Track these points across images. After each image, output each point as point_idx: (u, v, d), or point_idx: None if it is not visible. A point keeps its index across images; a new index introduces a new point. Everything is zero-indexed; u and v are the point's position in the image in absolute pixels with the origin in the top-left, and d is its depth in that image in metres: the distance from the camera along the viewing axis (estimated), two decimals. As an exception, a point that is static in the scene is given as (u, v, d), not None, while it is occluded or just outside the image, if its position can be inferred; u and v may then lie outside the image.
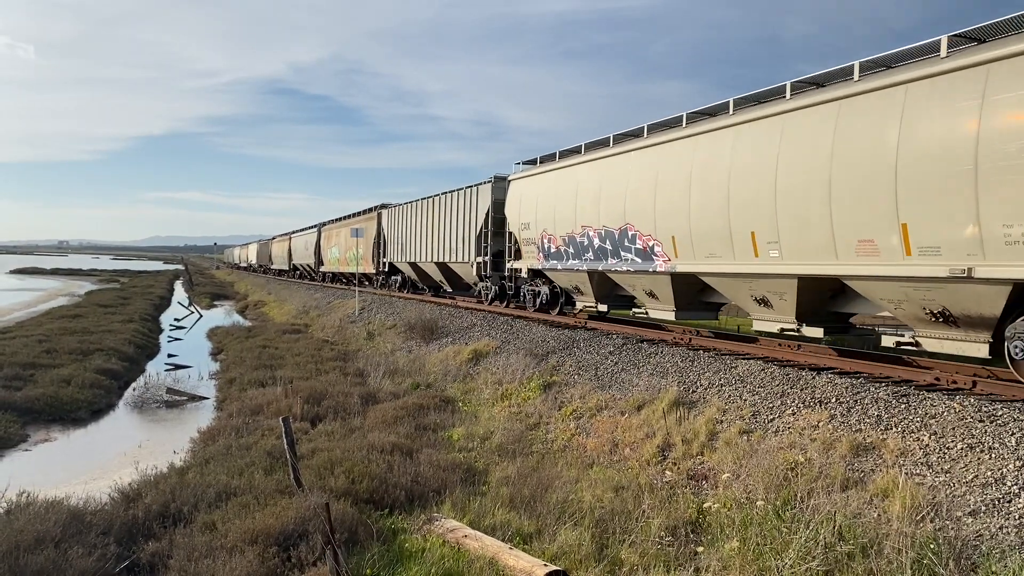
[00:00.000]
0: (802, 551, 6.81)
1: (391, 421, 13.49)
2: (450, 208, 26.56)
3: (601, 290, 17.46)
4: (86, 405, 17.47)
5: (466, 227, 24.76)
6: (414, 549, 8.09)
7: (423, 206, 29.34)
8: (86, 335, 26.66)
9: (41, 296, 54.81)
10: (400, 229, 32.62)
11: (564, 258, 18.13)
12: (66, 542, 7.97)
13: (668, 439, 10.76)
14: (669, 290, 14.76)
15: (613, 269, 16.03)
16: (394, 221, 33.69)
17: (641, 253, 14.97)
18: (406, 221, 31.65)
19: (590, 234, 16.84)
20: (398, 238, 33.04)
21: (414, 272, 31.57)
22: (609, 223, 16.04)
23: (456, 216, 25.85)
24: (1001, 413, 8.37)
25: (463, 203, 25.27)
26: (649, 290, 15.42)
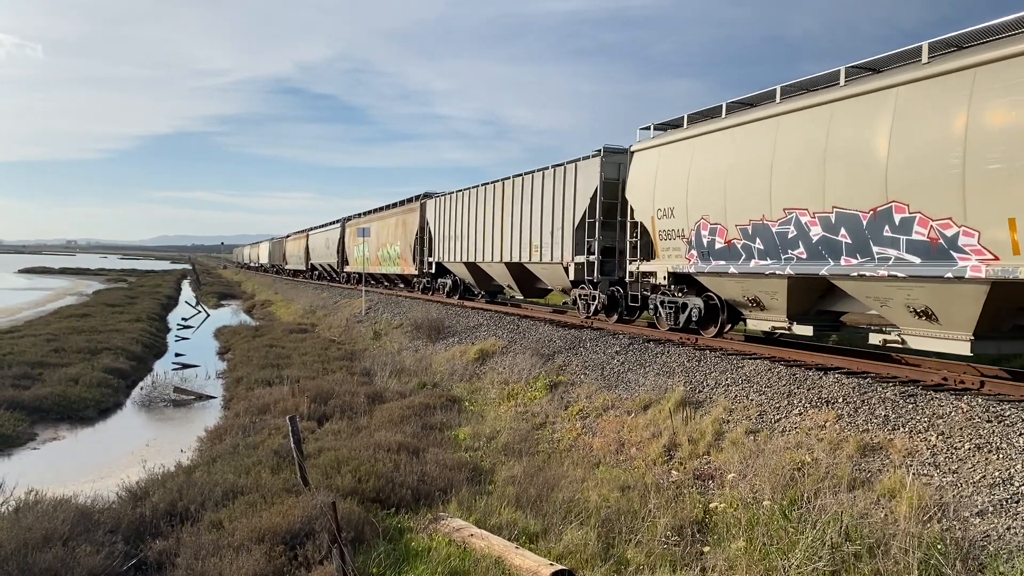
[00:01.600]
0: (808, 551, 6.79)
1: (397, 420, 13.50)
2: (530, 194, 21.15)
3: (802, 304, 12.53)
4: (94, 404, 17.54)
5: (557, 217, 19.50)
6: (420, 548, 8.10)
7: (486, 194, 24.31)
8: (94, 334, 26.76)
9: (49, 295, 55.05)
10: (451, 222, 27.36)
11: (741, 257, 13.03)
12: (74, 540, 8.01)
13: (674, 439, 10.75)
14: (975, 308, 9.40)
15: (853, 273, 10.74)
16: (443, 213, 28.39)
17: (923, 248, 9.71)
18: (460, 212, 26.43)
19: (802, 221, 11.56)
20: (449, 233, 27.65)
21: (470, 274, 26.31)
22: (846, 202, 10.73)
23: (540, 204, 20.50)
24: (1009, 413, 8.35)
25: (552, 187, 19.82)
26: (924, 307, 10.06)
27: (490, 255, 23.72)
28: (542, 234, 20.19)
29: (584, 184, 18.41)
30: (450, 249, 27.55)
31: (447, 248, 27.92)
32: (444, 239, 28.24)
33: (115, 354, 22.95)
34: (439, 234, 28.93)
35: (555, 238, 19.52)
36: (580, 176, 18.65)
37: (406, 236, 32.92)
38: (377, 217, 39.41)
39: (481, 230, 24.37)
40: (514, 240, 21.86)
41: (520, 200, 21.66)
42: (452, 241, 27.24)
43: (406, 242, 32.95)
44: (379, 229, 37.76)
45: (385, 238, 36.63)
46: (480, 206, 24.67)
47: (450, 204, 27.71)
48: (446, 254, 28.09)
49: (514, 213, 22.03)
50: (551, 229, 19.70)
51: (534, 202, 20.86)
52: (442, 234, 28.50)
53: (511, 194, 22.33)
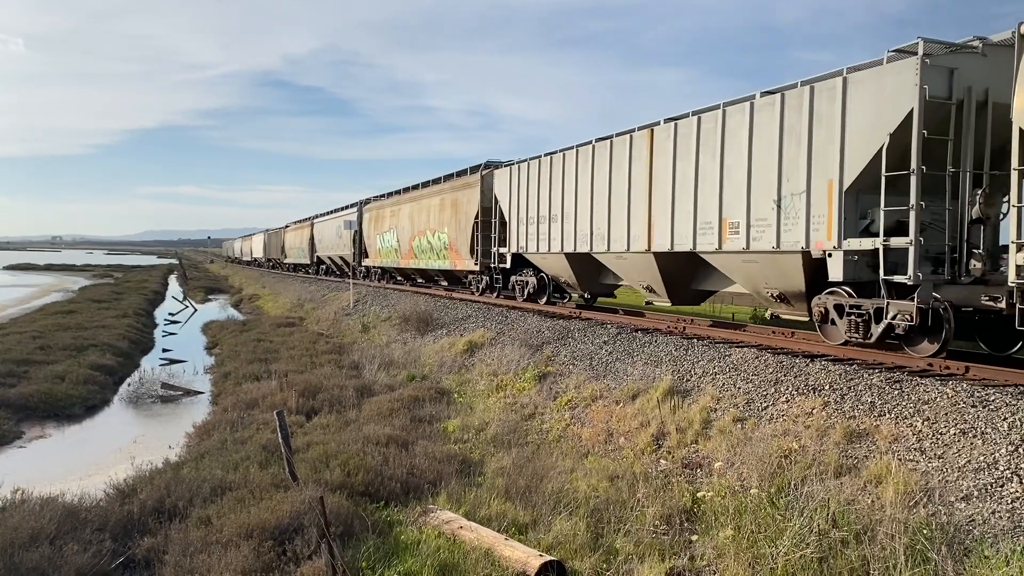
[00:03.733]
0: (796, 538, 6.83)
1: (386, 413, 13.48)
2: (716, 143, 13.57)
3: None
4: (80, 401, 17.43)
5: (795, 174, 12.03)
6: (410, 541, 8.09)
7: (613, 151, 16.66)
8: (80, 331, 26.57)
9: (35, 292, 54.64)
10: (540, 198, 20.04)
11: None
12: (61, 539, 7.99)
13: (663, 428, 10.78)
14: None
15: None
16: (525, 186, 20.95)
17: None
18: (558, 184, 19.06)
19: None
20: (534, 214, 20.40)
21: (572, 270, 19.16)
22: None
23: (745, 156, 12.97)
24: (993, 398, 8.41)
25: (779, 123, 12.30)
26: None
27: (623, 242, 16.35)
28: (750, 205, 12.77)
29: (867, 113, 10.92)
30: (538, 236, 20.10)
31: (532, 234, 20.46)
32: (526, 222, 20.77)
33: (102, 351, 22.81)
34: (517, 216, 21.37)
35: (788, 209, 12.16)
36: (858, 100, 11.08)
37: (458, 220, 25.82)
38: (411, 198, 31.50)
39: (602, 206, 16.99)
40: (678, 217, 14.49)
41: (691, 154, 14.02)
42: (541, 225, 19.91)
43: (459, 228, 25.78)
44: (414, 212, 30.59)
45: (424, 223, 29.24)
46: (599, 171, 17.15)
47: (537, 173, 20.18)
48: (530, 242, 20.62)
49: (677, 177, 14.51)
50: (775, 195, 12.25)
51: (729, 155, 13.30)
52: (522, 216, 21.02)
53: (669, 147, 14.63)
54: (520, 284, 22.68)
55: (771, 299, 13.44)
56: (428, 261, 29.42)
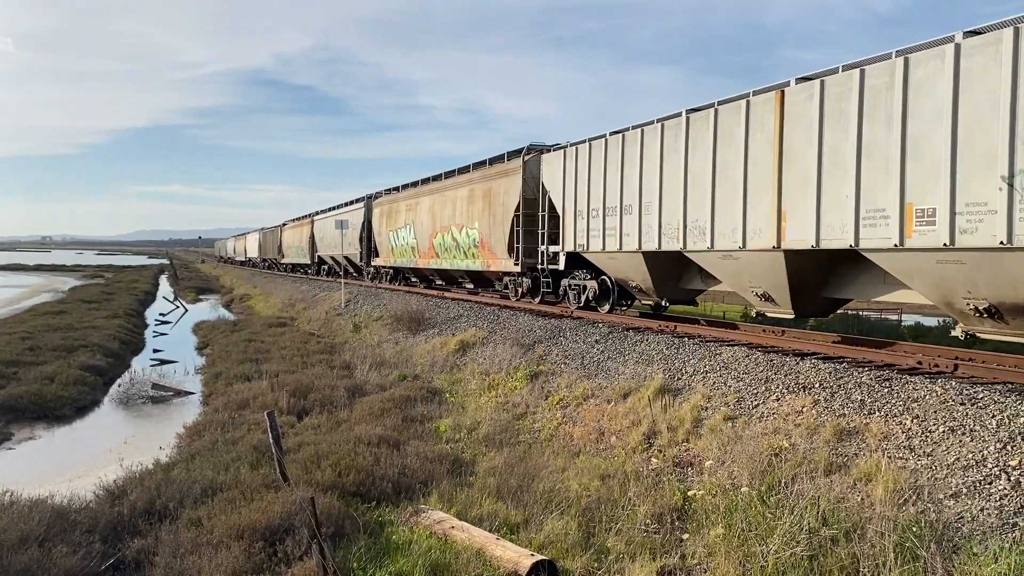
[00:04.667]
0: (786, 536, 6.85)
1: (378, 413, 13.47)
2: (896, 98, 10.11)
3: None
4: (70, 402, 17.35)
5: None
6: (401, 541, 8.09)
7: (717, 122, 13.18)
8: (70, 331, 26.46)
9: (24, 293, 54.35)
10: (605, 186, 16.57)
11: None
12: (50, 541, 7.94)
13: (654, 426, 10.80)
14: None
15: None
16: (583, 173, 17.48)
17: None
18: (634, 166, 15.43)
19: None
20: (597, 205, 16.91)
21: (649, 272, 15.65)
22: None
23: None
24: (982, 396, 8.45)
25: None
26: None
27: (733, 237, 12.74)
28: (955, 185, 9.40)
29: None
30: (603, 231, 16.67)
31: (594, 230, 17.05)
32: (586, 215, 17.35)
33: (92, 351, 22.71)
34: (573, 208, 17.96)
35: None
36: None
37: (493, 214, 22.38)
38: (431, 190, 28.24)
39: (701, 193, 13.48)
40: (826, 204, 11.08)
41: (849, 121, 10.69)
42: (609, 218, 16.43)
43: (493, 223, 22.30)
44: (435, 206, 27.33)
45: (448, 218, 25.95)
46: (697, 149, 13.60)
47: (603, 156, 16.56)
48: (592, 239, 17.18)
49: (825, 151, 11.11)
50: (1004, 170, 8.86)
51: (916, 119, 9.91)
52: (581, 208, 17.59)
53: (812, 113, 11.27)
54: (575, 288, 18.95)
55: (972, 313, 9.85)
56: (453, 261, 25.83)
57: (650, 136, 14.98)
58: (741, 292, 13.64)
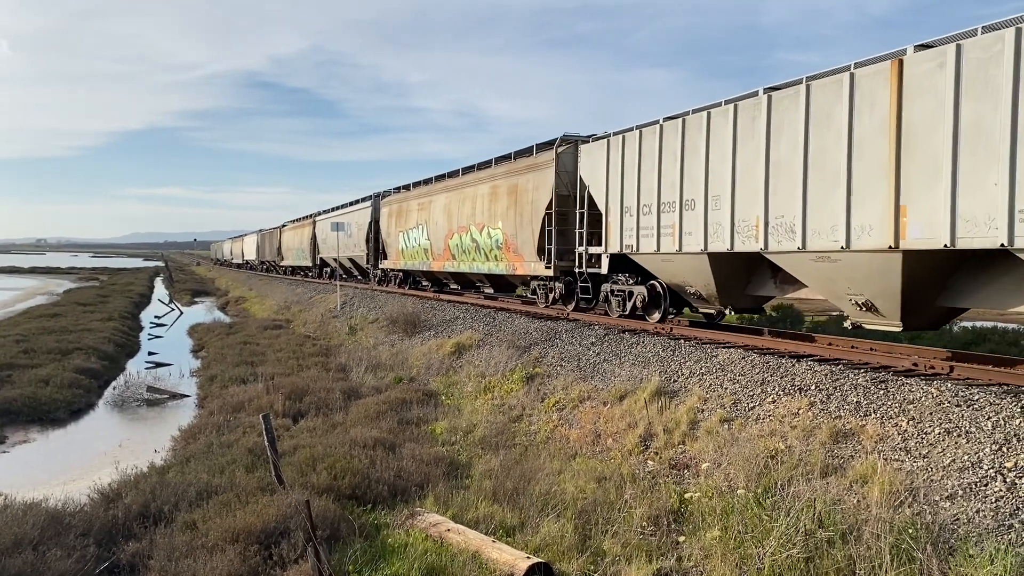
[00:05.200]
0: (782, 538, 6.84)
1: (374, 416, 13.45)
2: None
3: None
4: (65, 405, 17.30)
5: None
6: (397, 544, 8.07)
7: (836, 91, 10.86)
8: (65, 334, 26.40)
9: (19, 295, 54.22)
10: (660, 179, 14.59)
11: None
12: (44, 544, 7.91)
13: (650, 429, 10.79)
14: None
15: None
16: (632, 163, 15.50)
17: None
18: (700, 156, 13.49)
19: None
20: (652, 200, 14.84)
21: (714, 276, 13.81)
22: None
23: None
24: (978, 397, 8.46)
25: None
26: None
27: (833, 235, 10.90)
28: None
29: None
30: (657, 230, 14.72)
31: (645, 228, 15.12)
32: (635, 212, 15.38)
33: (86, 354, 22.65)
34: (620, 204, 15.97)
35: None
36: None
37: (520, 212, 20.40)
38: (446, 188, 26.50)
39: (787, 184, 11.62)
40: (964, 190, 9.23)
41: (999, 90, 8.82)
42: (664, 215, 14.51)
43: (520, 222, 20.34)
44: (452, 205, 25.50)
45: (467, 218, 24.04)
46: (781, 133, 11.77)
47: (657, 145, 14.64)
48: (642, 239, 15.24)
49: (961, 127, 9.27)
50: None
51: None
52: (629, 204, 15.65)
53: (942, 85, 9.41)
54: (619, 295, 16.87)
55: None
56: (473, 264, 23.84)
57: (719, 120, 13.05)
58: (834, 300, 11.84)
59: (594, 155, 17.15)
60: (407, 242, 30.06)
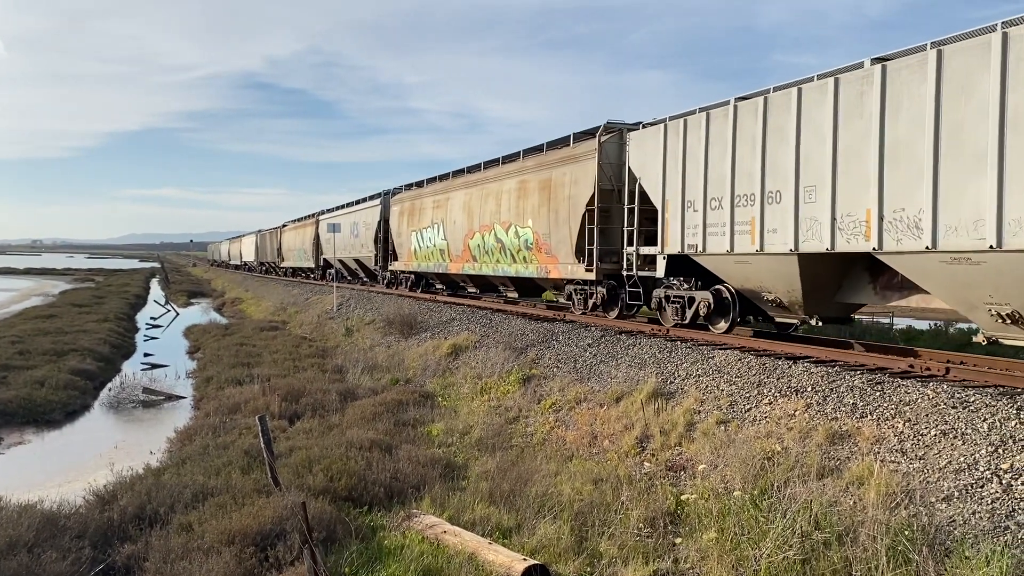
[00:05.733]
0: (779, 540, 6.85)
1: (370, 417, 13.43)
2: None
3: None
4: (60, 406, 17.26)
5: None
6: (393, 546, 8.06)
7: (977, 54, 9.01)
8: (60, 335, 26.34)
9: (14, 296, 54.09)
10: (734, 169, 12.85)
11: None
12: (39, 546, 7.89)
13: (647, 430, 10.79)
14: None
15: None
16: (696, 151, 13.74)
17: None
18: (788, 140, 11.74)
19: None
20: (723, 193, 13.10)
21: (803, 278, 12.10)
22: None
23: None
24: (974, 399, 8.47)
25: None
26: None
27: (977, 231, 9.14)
28: None
29: None
30: (730, 227, 12.93)
31: (715, 225, 13.35)
32: (702, 207, 13.57)
33: (82, 355, 22.60)
34: (680, 198, 14.16)
35: None
36: None
37: (554, 209, 18.66)
38: (465, 183, 24.75)
39: (907, 172, 9.93)
40: None
41: None
42: (740, 209, 12.74)
43: (555, 220, 18.61)
44: (472, 202, 23.80)
45: (490, 216, 22.31)
46: (897, 110, 10.06)
47: (731, 129, 12.84)
48: (710, 237, 13.46)
49: None
50: None
51: None
52: (693, 197, 13.86)
53: None
54: (677, 301, 14.97)
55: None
56: (497, 266, 22.09)
57: (813, 98, 11.28)
58: (964, 310, 10.13)
59: (647, 143, 15.29)
60: (421, 242, 28.32)
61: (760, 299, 13.19)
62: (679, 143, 14.12)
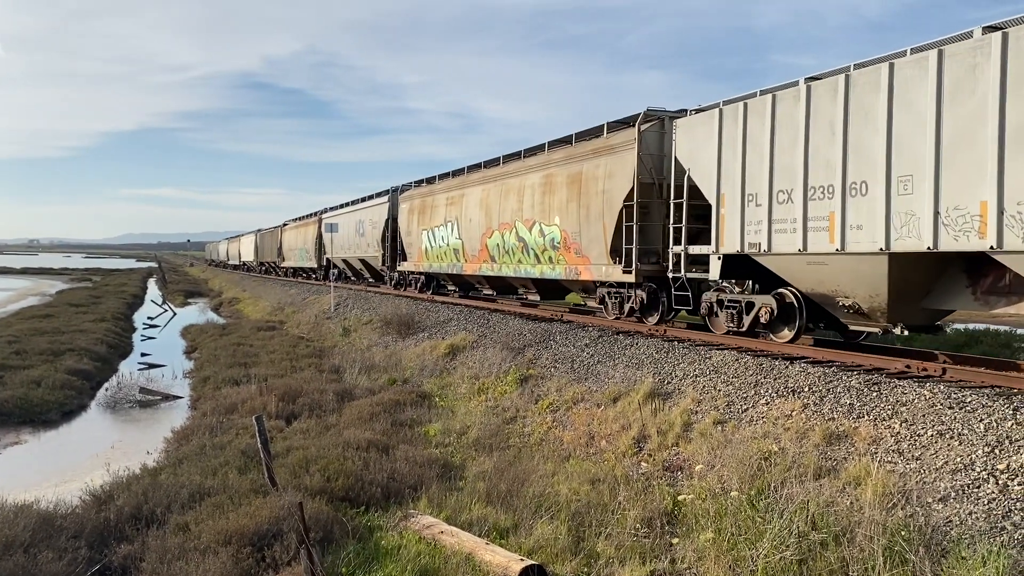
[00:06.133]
0: (776, 540, 6.85)
1: (367, 418, 13.42)
2: None
3: None
4: (57, 406, 17.23)
5: None
6: (390, 546, 8.06)
7: None
8: (57, 335, 26.29)
9: (11, 296, 53.98)
10: (807, 157, 11.40)
11: None
12: (36, 547, 7.88)
13: (644, 431, 10.80)
14: None
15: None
16: (757, 138, 12.33)
17: None
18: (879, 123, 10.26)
19: None
20: (792, 185, 11.64)
21: (891, 280, 10.57)
22: None
23: None
24: (970, 400, 8.48)
25: None
26: None
27: None
28: None
29: None
30: (803, 222, 11.48)
31: (781, 221, 11.92)
32: (766, 200, 12.10)
33: (79, 355, 22.56)
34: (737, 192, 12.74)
35: None
36: None
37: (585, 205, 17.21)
38: (483, 179, 23.33)
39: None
40: None
41: None
42: (814, 203, 11.31)
43: (588, 217, 17.12)
44: (490, 199, 22.29)
45: (512, 213, 20.82)
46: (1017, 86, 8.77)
47: (803, 111, 11.43)
48: (775, 235, 12.02)
49: None
50: None
51: None
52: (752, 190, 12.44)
53: None
54: (732, 306, 13.56)
55: None
56: (519, 266, 20.68)
57: (908, 74, 9.90)
58: None
59: (698, 131, 13.80)
60: (432, 242, 26.77)
61: (833, 304, 11.65)
62: (737, 130, 12.67)
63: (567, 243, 18.03)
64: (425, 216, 27.53)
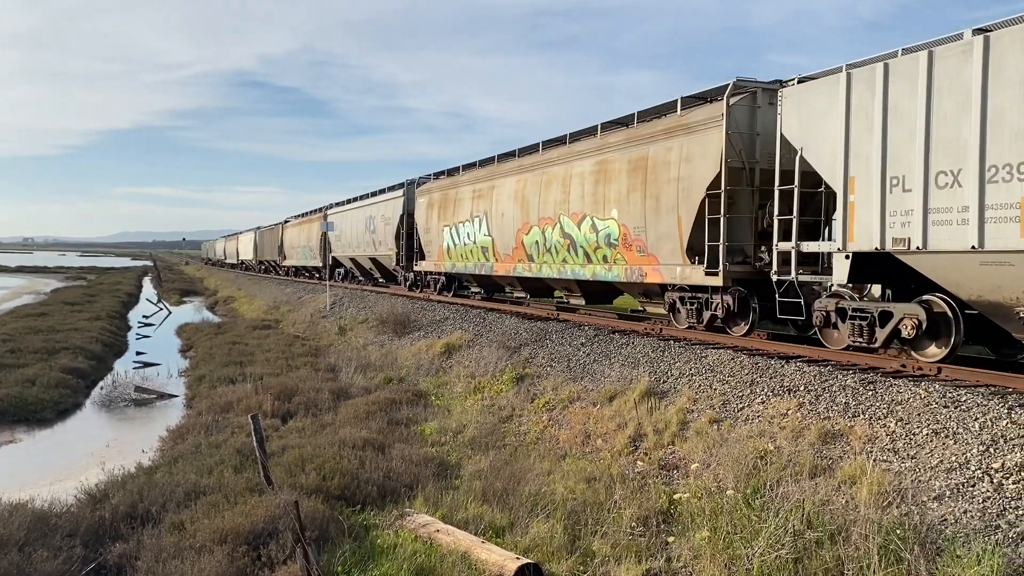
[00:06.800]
0: (771, 539, 6.86)
1: (363, 416, 13.41)
2: None
3: None
4: (52, 405, 17.18)
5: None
6: (386, 545, 8.05)
7: None
8: (52, 334, 26.21)
9: (5, 295, 53.83)
10: (986, 127, 8.90)
11: None
12: (30, 545, 7.86)
13: (640, 429, 10.80)
14: None
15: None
16: (917, 111, 9.69)
17: None
18: None
19: None
20: (966, 164, 9.12)
21: None
22: None
23: None
24: (965, 399, 8.50)
25: None
26: None
27: None
28: None
29: None
30: (971, 213, 9.17)
31: (933, 211, 9.65)
32: (909, 187, 9.92)
33: (74, 354, 22.50)
34: (876, 174, 10.34)
35: None
36: None
37: (653, 196, 14.86)
38: (519, 168, 21.00)
39: None
40: None
41: None
42: (987, 188, 8.99)
43: (657, 208, 14.75)
44: (528, 190, 19.90)
45: (556, 205, 18.42)
46: None
47: (973, 73, 9.05)
48: (931, 229, 9.69)
49: None
50: None
51: None
52: (894, 173, 10.14)
53: None
54: (861, 317, 11.07)
55: None
56: (564, 266, 18.30)
57: None
58: None
59: (814, 102, 11.45)
60: (456, 239, 24.32)
61: (1008, 316, 9.22)
62: (874, 98, 10.35)
63: (627, 240, 15.65)
64: (447, 211, 25.17)
